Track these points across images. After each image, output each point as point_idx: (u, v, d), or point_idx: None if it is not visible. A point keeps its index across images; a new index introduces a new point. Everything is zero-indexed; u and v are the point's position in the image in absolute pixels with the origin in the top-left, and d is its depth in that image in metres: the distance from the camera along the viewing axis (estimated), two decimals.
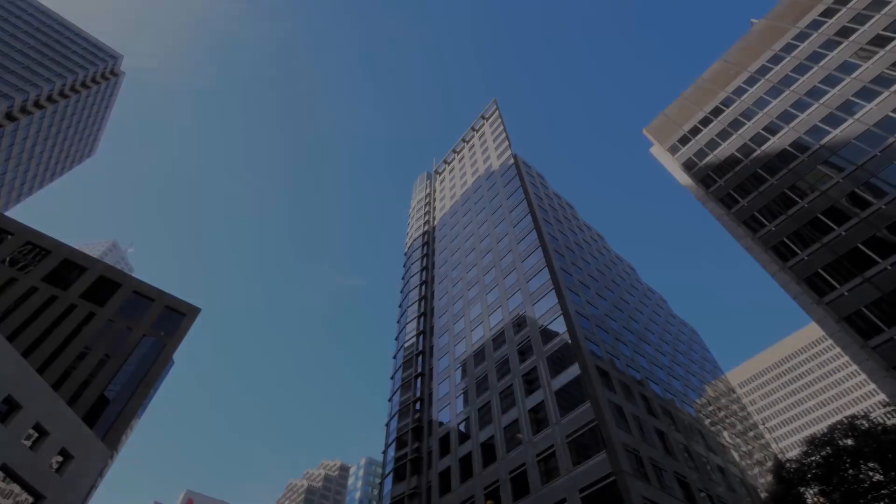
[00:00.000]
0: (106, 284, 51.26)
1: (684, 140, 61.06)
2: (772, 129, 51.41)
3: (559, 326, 45.02)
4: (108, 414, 42.24)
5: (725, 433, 57.33)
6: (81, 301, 47.96)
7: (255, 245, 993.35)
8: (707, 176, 55.64)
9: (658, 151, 65.24)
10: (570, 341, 42.59)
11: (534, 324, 48.29)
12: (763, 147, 51.00)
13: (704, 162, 56.94)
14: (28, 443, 29.90)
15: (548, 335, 45.72)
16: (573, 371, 40.13)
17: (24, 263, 47.94)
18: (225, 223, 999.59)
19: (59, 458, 32.03)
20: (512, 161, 78.15)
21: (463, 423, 48.86)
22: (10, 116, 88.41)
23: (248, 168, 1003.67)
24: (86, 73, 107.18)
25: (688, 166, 58.88)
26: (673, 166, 61.89)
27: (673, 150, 61.98)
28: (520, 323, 50.72)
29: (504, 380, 46.98)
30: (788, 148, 48.40)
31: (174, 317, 53.12)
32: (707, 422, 54.94)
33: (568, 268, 56.14)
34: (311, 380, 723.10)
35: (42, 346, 42.66)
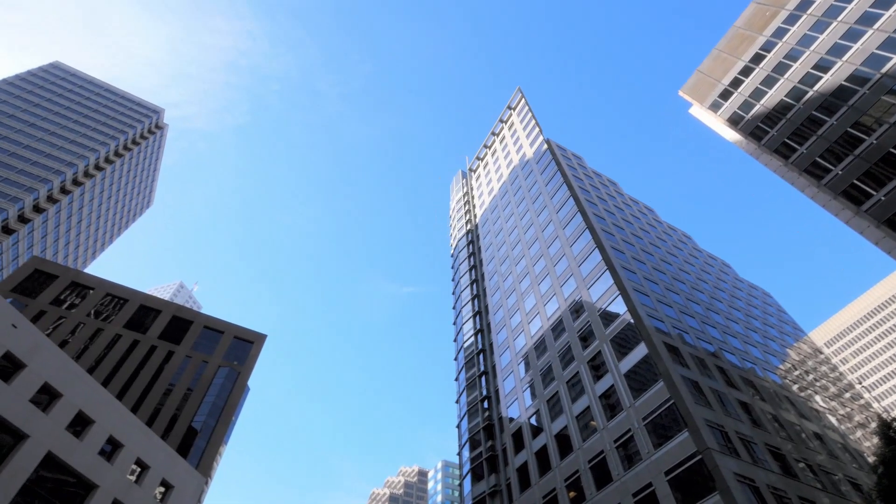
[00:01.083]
0: (179, 323, 54.67)
1: (725, 94, 57.66)
2: (823, 67, 47.58)
3: (619, 307, 43.64)
4: (197, 444, 44.94)
5: (817, 397, 53.46)
6: (160, 341, 51.39)
7: (307, 265, 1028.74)
8: (757, 128, 52.26)
9: (698, 111, 61.97)
10: (632, 321, 41.17)
11: (592, 308, 47.08)
12: (816, 87, 47.29)
13: (752, 114, 53.51)
14: (133, 477, 32.34)
15: (608, 317, 44.43)
16: (640, 351, 38.75)
17: (107, 314, 51.95)
18: (277, 248, 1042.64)
19: (162, 489, 34.43)
20: (545, 147, 76.70)
21: (533, 417, 48.33)
22: (75, 182, 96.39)
23: (290, 193, 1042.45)
24: (133, 130, 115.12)
25: (733, 121, 55.54)
26: (717, 124, 58.57)
27: (714, 107, 58.69)
28: (577, 309, 49.60)
29: (569, 368, 46.07)
30: (845, 83, 44.60)
31: (244, 345, 55.84)
32: (795, 388, 51.47)
33: (619, 246, 54.37)
34: (380, 390, 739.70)
35: (132, 388, 46.02)
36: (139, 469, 33.12)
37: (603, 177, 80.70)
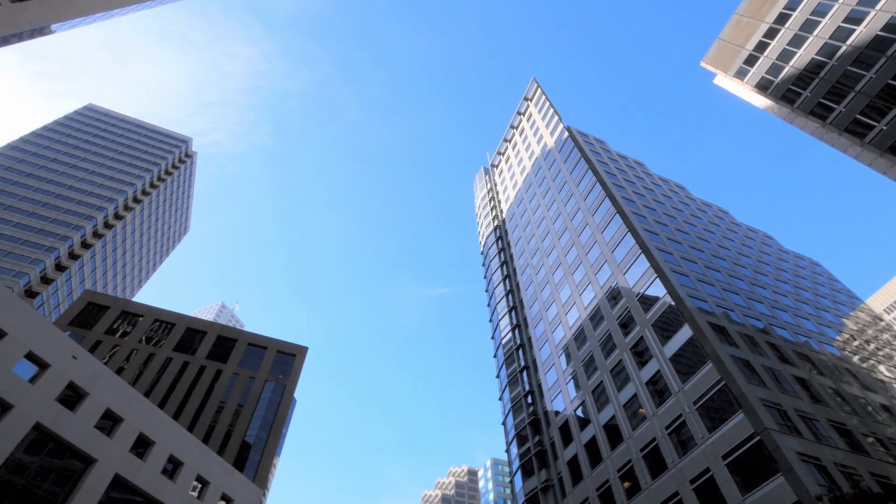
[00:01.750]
0: (224, 342, 56.51)
1: (751, 60, 55.30)
2: (855, 19, 44.98)
3: (658, 290, 42.48)
4: (252, 457, 46.33)
5: (882, 367, 50.55)
6: (208, 361, 53.24)
7: (340, 274, 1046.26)
8: (788, 91, 49.88)
9: (724, 81, 59.67)
10: (672, 303, 40.00)
11: (629, 293, 46.00)
12: (849, 41, 44.75)
13: (781, 77, 51.12)
14: (195, 494, 33.62)
15: (647, 301, 43.30)
16: (684, 333, 37.59)
17: (157, 339, 54.22)
18: (310, 260, 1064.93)
19: (222, 503, 35.67)
20: (566, 135, 75.49)
21: (579, 409, 47.59)
22: (117, 216, 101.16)
23: (318, 205, 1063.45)
24: (165, 161, 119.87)
25: (762, 87, 53.21)
26: (744, 91, 56.24)
27: (740, 74, 56.37)
28: (614, 295, 48.56)
29: (612, 357, 45.14)
30: (881, 33, 42.02)
31: (287, 359, 57.22)
32: (856, 359, 48.82)
33: (652, 228, 52.94)
34: (423, 392, 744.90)
35: (186, 407, 47.85)
36: (200, 485, 34.40)
37: (629, 159, 78.78)
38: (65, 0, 46.65)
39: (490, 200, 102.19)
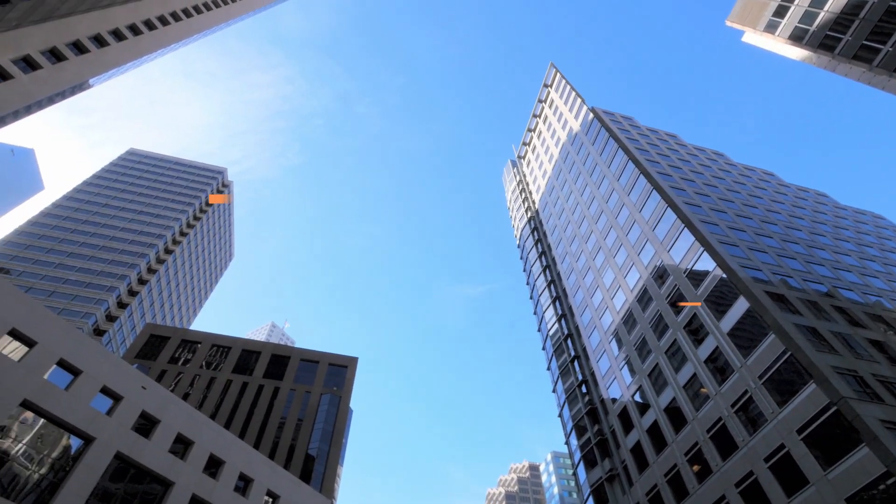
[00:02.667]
0: (278, 360, 58.41)
1: (781, 11, 52.26)
2: None
3: (706, 264, 40.78)
4: (316, 469, 47.64)
5: None
6: (265, 380, 55.18)
7: (381, 282, 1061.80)
8: (826, 38, 46.80)
9: (753, 37, 56.66)
10: (724, 275, 38.29)
11: (676, 270, 44.39)
12: None
13: (817, 24, 48.04)
14: None
15: (697, 277, 41.65)
16: (741, 305, 35.89)
17: (216, 363, 56.66)
18: (351, 271, 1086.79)
19: None
20: (591, 116, 73.77)
21: (637, 394, 46.31)
22: (167, 251, 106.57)
23: (352, 217, 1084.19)
24: (204, 194, 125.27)
25: (797, 38, 50.15)
26: (777, 45, 53.19)
27: (770, 27, 53.37)
28: (661, 274, 46.99)
29: (665, 337, 43.68)
30: None
31: (339, 371, 58.56)
32: None
33: (693, 200, 50.90)
34: (475, 391, 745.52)
35: (250, 426, 49.74)
36: (271, 500, 35.66)
37: (660, 132, 76.11)
38: (98, 55, 49.62)
39: (521, 192, 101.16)
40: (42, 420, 25.79)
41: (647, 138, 69.35)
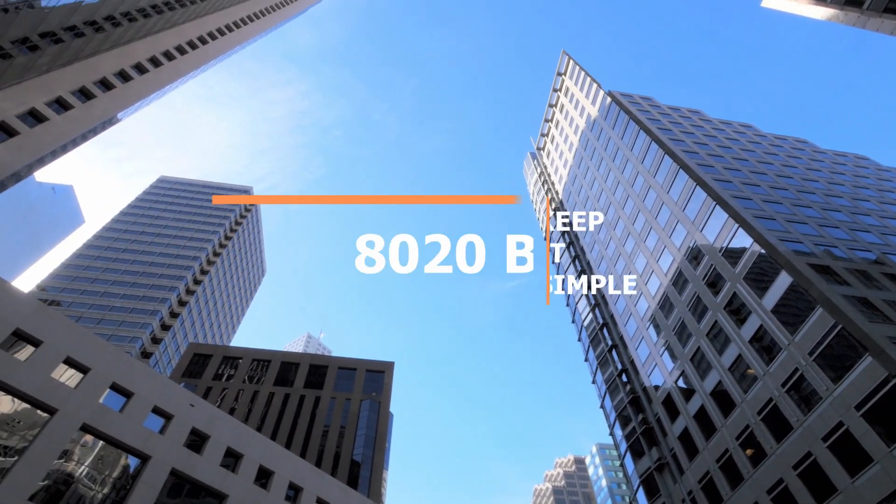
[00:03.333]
0: (317, 370, 59.49)
1: None
2: None
3: (743, 240, 39.38)
4: (363, 474, 48.29)
5: None
6: (305, 390, 56.28)
7: (411, 285, 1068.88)
8: None
9: (773, 1, 54.38)
10: (762, 251, 36.88)
11: (711, 250, 43.03)
12: None
13: None
14: None
15: (733, 255, 40.25)
16: (783, 280, 34.49)
17: (257, 377, 58.15)
18: (382, 277, 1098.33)
19: None
20: (608, 100, 72.34)
21: (680, 379, 45.10)
22: (203, 272, 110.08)
23: (379, 223, 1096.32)
24: (233, 213, 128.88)
25: None
26: (800, 6, 50.88)
27: None
28: (695, 255, 45.63)
29: (705, 320, 42.38)
30: None
31: (377, 376, 59.20)
32: None
33: (723, 176, 49.26)
34: (514, 388, 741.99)
35: (295, 436, 50.81)
36: None
37: (682, 109, 73.98)
38: (124, 89, 51.69)
39: (543, 184, 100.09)
40: (101, 442, 27.01)
41: (668, 117, 67.55)
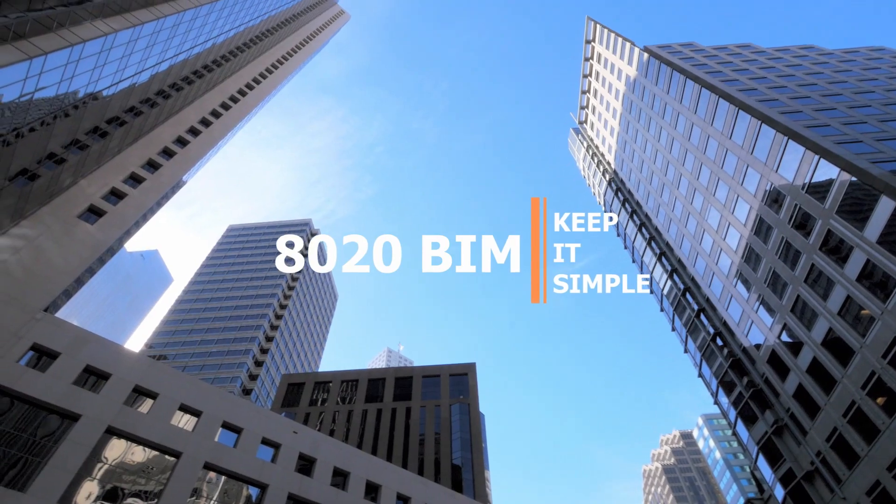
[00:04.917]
0: (402, 382, 60.96)
1: None
2: None
3: (828, 171, 35.72)
4: (465, 477, 48.74)
5: None
6: (395, 402, 57.81)
7: (479, 284, 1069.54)
8: None
9: None
10: (853, 178, 33.24)
11: (792, 189, 39.40)
12: None
13: None
14: None
15: (819, 189, 36.60)
16: (886, 206, 30.85)
17: (349, 397, 60.52)
18: (448, 281, 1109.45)
19: None
20: (646, 56, 68.60)
21: (783, 333, 41.58)
22: (281, 306, 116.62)
23: (434, 227, 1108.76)
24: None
25: None
26: None
27: None
28: (775, 198, 42.01)
29: (800, 265, 38.83)
30: None
31: (461, 379, 59.67)
32: None
33: (790, 107, 45.06)
34: (603, 372, 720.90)
35: (394, 448, 52.28)
36: None
37: (729, 48, 68.60)
38: (183, 153, 56.06)
39: (592, 157, 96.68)
40: (223, 477, 29.27)
41: (715, 58, 62.91)
